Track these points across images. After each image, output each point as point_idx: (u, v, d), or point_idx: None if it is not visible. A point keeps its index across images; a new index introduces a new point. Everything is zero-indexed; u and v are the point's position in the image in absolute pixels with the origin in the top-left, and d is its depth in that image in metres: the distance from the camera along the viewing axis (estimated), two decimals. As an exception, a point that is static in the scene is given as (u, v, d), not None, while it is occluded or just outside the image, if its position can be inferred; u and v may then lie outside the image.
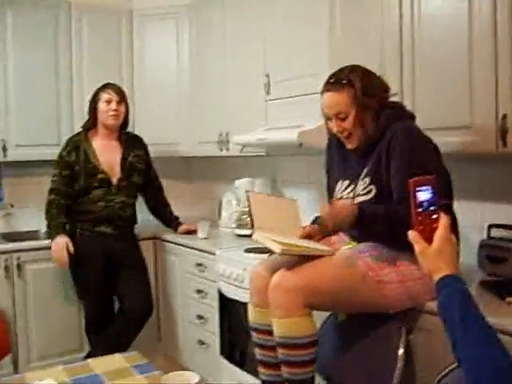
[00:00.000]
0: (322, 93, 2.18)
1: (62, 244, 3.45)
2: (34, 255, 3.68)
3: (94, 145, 3.58)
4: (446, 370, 1.47)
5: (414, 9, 2.37)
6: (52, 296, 3.75)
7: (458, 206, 2.09)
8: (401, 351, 1.97)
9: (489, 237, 2.43)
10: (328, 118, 2.20)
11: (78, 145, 3.55)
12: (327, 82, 2.16)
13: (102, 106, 3.54)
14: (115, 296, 3.69)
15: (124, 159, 3.63)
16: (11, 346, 2.35)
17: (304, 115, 3.00)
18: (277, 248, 2.02)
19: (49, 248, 3.63)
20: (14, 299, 3.64)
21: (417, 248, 1.24)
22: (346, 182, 2.22)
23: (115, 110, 3.54)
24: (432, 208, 1.25)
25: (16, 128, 3.89)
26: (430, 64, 2.32)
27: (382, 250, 2.07)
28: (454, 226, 1.90)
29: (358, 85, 2.08)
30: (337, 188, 2.27)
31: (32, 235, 3.92)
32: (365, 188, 2.11)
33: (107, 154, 3.59)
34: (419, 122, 2.17)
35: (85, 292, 3.64)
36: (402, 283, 2.03)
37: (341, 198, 2.21)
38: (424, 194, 1.25)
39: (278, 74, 3.23)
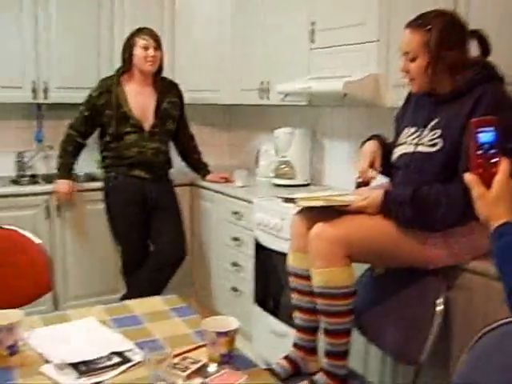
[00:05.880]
0: (405, 28, 2.08)
1: (66, 184, 3.62)
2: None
3: (126, 90, 3.54)
4: (494, 325, 1.44)
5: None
6: (89, 238, 3.83)
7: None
8: (439, 308, 1.95)
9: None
10: (402, 55, 2.09)
11: (109, 89, 3.52)
12: (412, 19, 2.06)
13: (138, 51, 3.48)
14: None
15: (158, 105, 3.59)
16: (53, 284, 2.40)
17: (348, 66, 2.92)
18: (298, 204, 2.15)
19: (87, 190, 3.71)
20: (54, 239, 3.73)
21: (474, 192, 1.18)
22: (413, 129, 2.14)
23: (153, 57, 3.49)
24: (492, 151, 1.17)
25: (57, 71, 3.91)
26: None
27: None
28: None
29: (435, 34, 1.96)
30: (402, 134, 2.20)
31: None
32: (431, 139, 2.02)
33: (140, 99, 3.56)
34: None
35: (121, 235, 3.68)
36: (444, 239, 2.01)
37: (404, 144, 2.15)
38: (485, 136, 1.17)
39: (324, 22, 3.13)
